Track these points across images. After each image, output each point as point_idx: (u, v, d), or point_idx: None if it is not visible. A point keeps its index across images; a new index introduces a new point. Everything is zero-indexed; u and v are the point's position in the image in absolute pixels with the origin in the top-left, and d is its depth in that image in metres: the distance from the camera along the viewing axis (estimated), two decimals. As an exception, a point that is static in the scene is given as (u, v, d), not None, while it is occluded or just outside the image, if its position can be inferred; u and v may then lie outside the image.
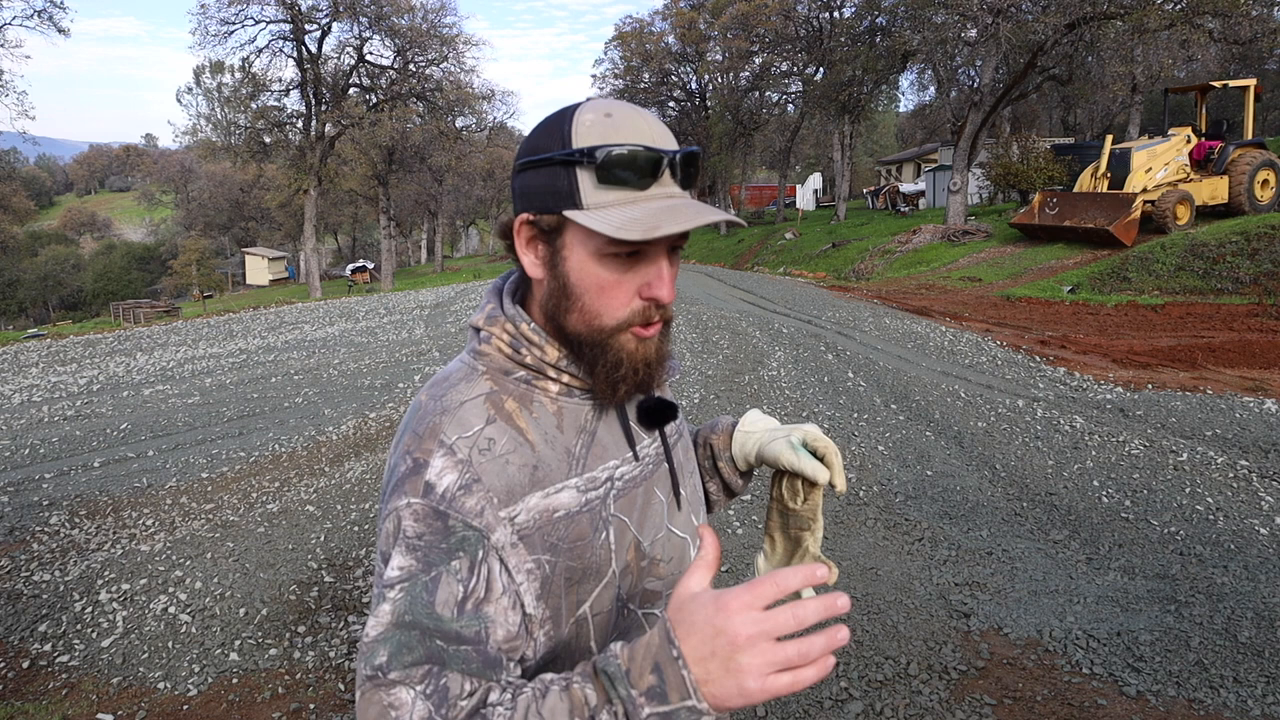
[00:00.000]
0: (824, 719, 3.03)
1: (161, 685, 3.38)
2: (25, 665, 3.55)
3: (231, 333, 15.55)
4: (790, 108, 40.95)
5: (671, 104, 46.33)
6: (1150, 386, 8.00)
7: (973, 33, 23.96)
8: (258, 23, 29.57)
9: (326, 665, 3.51)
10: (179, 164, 64.33)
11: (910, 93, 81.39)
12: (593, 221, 0.87)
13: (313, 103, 31.42)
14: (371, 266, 47.42)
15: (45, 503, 5.58)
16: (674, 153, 0.91)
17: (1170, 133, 18.97)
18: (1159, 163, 18.31)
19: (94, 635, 3.78)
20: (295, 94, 31.97)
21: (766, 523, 1.08)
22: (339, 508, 5.30)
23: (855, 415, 7.22)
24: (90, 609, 4.00)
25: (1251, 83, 19.09)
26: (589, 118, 0.90)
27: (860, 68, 31.03)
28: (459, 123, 37.78)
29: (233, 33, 29.43)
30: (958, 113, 28.58)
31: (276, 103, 32.29)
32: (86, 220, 79.29)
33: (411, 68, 33.38)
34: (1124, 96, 31.78)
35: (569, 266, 0.91)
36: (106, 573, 4.38)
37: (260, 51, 30.34)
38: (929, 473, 5.75)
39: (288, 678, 3.42)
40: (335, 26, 31.50)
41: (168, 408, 8.43)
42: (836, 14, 34.63)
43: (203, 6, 28.42)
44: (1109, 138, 20.26)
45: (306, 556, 4.55)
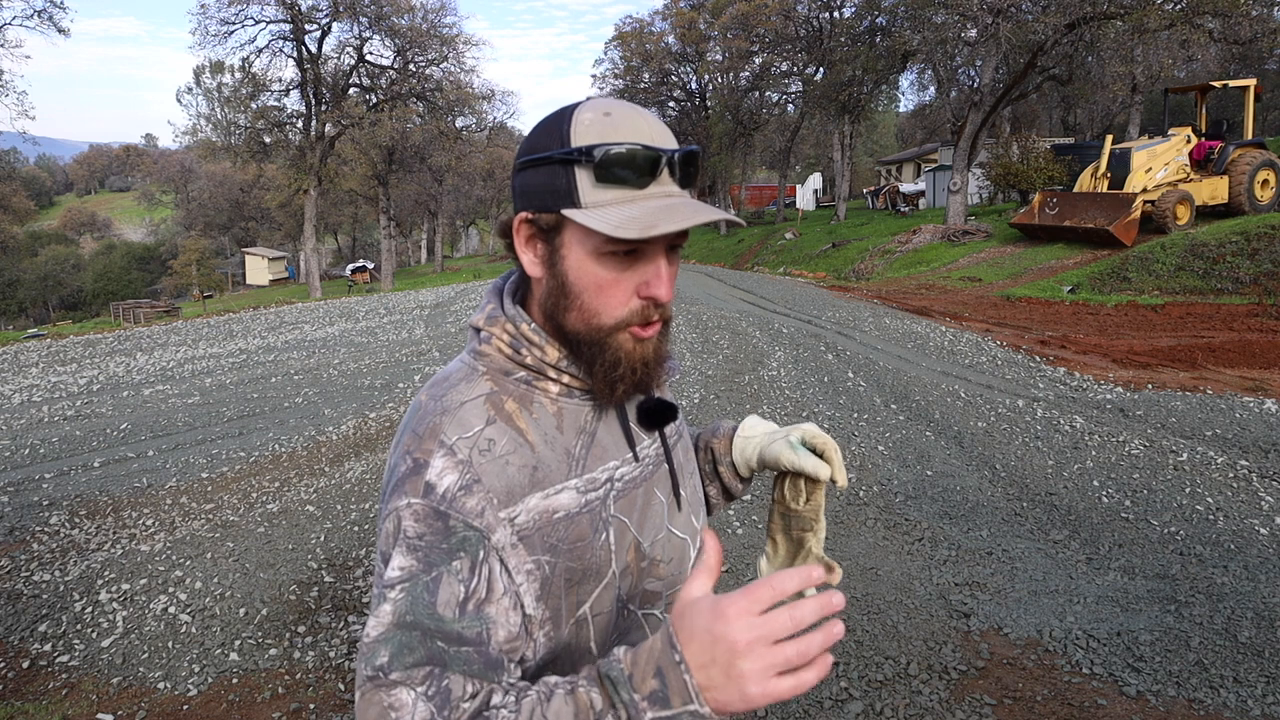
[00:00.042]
0: (824, 719, 3.03)
1: (161, 685, 3.38)
2: (25, 665, 3.55)
3: (231, 333, 15.54)
4: (790, 108, 40.97)
5: (671, 104, 46.35)
6: (1150, 386, 8.00)
7: (973, 33, 23.95)
8: (258, 23, 29.60)
9: (326, 665, 3.51)
10: (179, 164, 64.34)
11: (910, 93, 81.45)
12: (591, 220, 0.87)
13: (313, 103, 31.42)
14: (371, 266, 47.40)
15: (45, 503, 5.58)
16: (673, 152, 0.91)
17: (1170, 133, 18.96)
18: (1159, 163, 18.30)
19: (94, 635, 3.78)
20: (295, 94, 31.99)
21: (769, 524, 1.08)
22: (339, 508, 5.30)
23: (855, 415, 7.22)
24: (90, 609, 4.00)
25: (1251, 83, 19.08)
26: (588, 116, 0.90)
27: (860, 68, 31.03)
28: (459, 123, 37.79)
29: (233, 33, 29.46)
30: (958, 113, 28.58)
31: (276, 103, 32.31)
32: (86, 220, 79.29)
33: (411, 68, 33.38)
34: (1124, 96, 31.77)
35: (567, 265, 0.91)
36: (106, 573, 4.38)
37: (260, 51, 30.37)
38: (929, 473, 5.75)
39: (288, 678, 3.42)
40: (335, 26, 31.54)
41: (168, 408, 8.43)
42: (836, 14, 34.63)
43: (203, 6, 28.46)
44: (1109, 138, 20.26)
45: (306, 556, 4.55)
